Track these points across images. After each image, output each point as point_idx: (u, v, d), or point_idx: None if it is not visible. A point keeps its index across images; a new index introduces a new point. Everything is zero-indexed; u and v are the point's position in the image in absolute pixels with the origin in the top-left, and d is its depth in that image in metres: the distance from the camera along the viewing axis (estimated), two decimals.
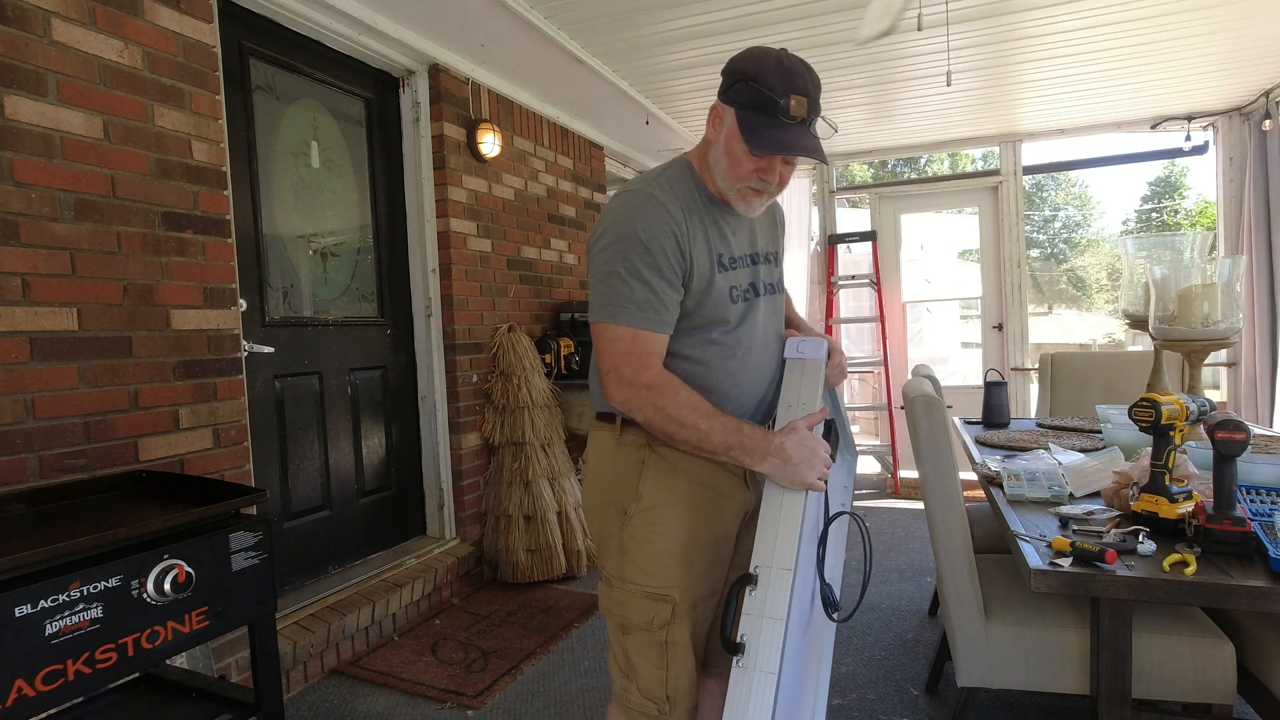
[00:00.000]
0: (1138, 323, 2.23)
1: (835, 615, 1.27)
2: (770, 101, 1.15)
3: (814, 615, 1.29)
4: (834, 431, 1.32)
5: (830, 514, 1.29)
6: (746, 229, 1.34)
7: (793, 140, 1.17)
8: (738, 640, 1.02)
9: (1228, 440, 1.34)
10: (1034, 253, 22.67)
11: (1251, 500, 1.56)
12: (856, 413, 6.24)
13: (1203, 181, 20.80)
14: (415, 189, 3.18)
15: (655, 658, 1.23)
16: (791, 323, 1.50)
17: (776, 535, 1.09)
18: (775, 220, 1.44)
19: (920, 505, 4.21)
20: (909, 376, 2.57)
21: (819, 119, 1.23)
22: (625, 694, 1.28)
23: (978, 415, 2.96)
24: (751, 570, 1.07)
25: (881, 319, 5.09)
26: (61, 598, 1.17)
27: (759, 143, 1.17)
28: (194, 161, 2.07)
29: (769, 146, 1.17)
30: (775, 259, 1.40)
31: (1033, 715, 2.09)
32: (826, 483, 1.18)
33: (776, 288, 1.37)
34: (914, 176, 13.30)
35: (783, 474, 1.13)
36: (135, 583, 1.27)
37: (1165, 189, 21.80)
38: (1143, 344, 6.42)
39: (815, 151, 1.19)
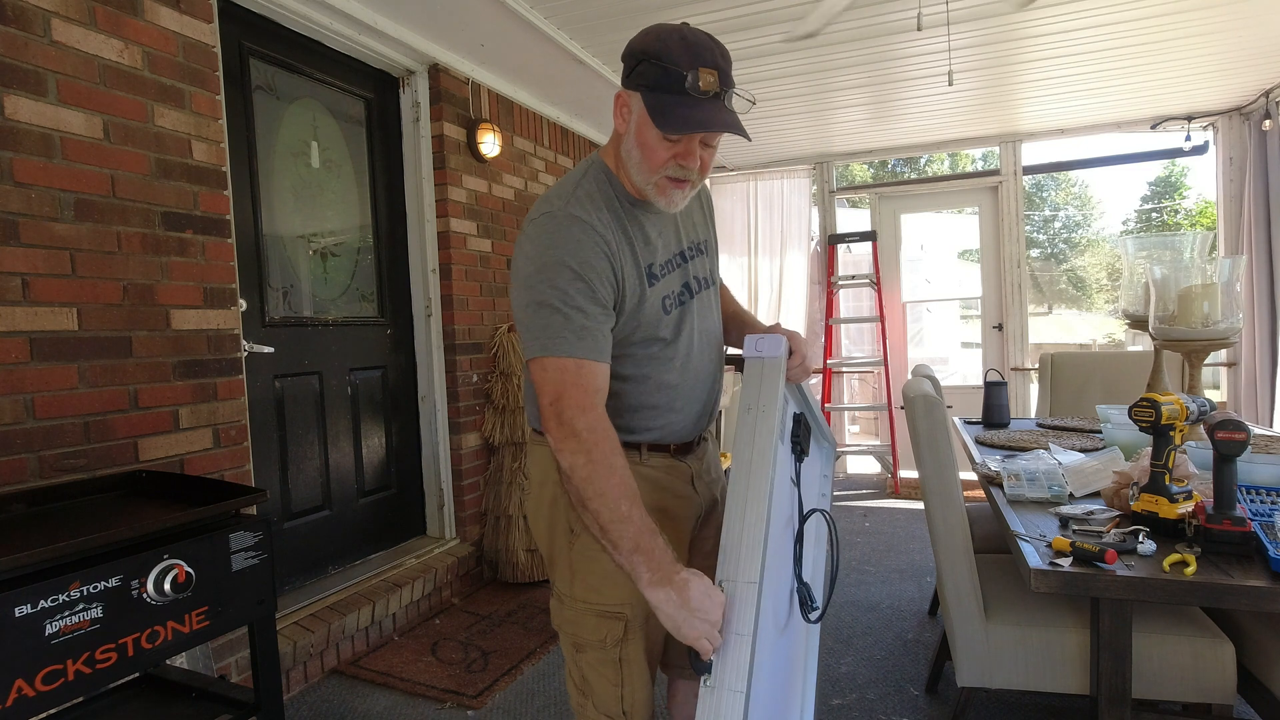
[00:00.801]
0: (1138, 323, 2.23)
1: (812, 616, 1.23)
2: (678, 77, 1.05)
3: (792, 615, 1.27)
4: (804, 425, 1.30)
5: (805, 511, 1.27)
6: (672, 224, 1.26)
7: (707, 117, 1.06)
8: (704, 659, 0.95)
9: (1228, 440, 1.34)
10: (1034, 253, 22.67)
11: (1251, 500, 1.56)
12: (857, 413, 6.24)
13: (1203, 181, 20.81)
14: (415, 189, 3.18)
15: (611, 675, 1.21)
16: (738, 319, 1.43)
17: (741, 547, 1.01)
18: (702, 205, 1.36)
19: (920, 505, 4.21)
20: (909, 376, 2.57)
21: (734, 93, 1.11)
22: (582, 710, 1.26)
23: (978, 415, 2.96)
24: (716, 584, 1.00)
25: (881, 319, 5.09)
26: (61, 598, 1.17)
27: (670, 123, 1.06)
28: (194, 161, 2.07)
29: (681, 125, 1.06)
30: (706, 248, 1.32)
31: (1033, 715, 2.09)
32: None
33: (709, 281, 1.31)
34: (914, 176, 13.30)
35: (672, 612, 0.97)
36: (135, 583, 1.27)
37: (1165, 189, 21.80)
38: (1143, 344, 6.42)
39: (733, 126, 1.08)
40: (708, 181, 1.28)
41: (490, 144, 3.37)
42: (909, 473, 4.92)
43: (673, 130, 1.07)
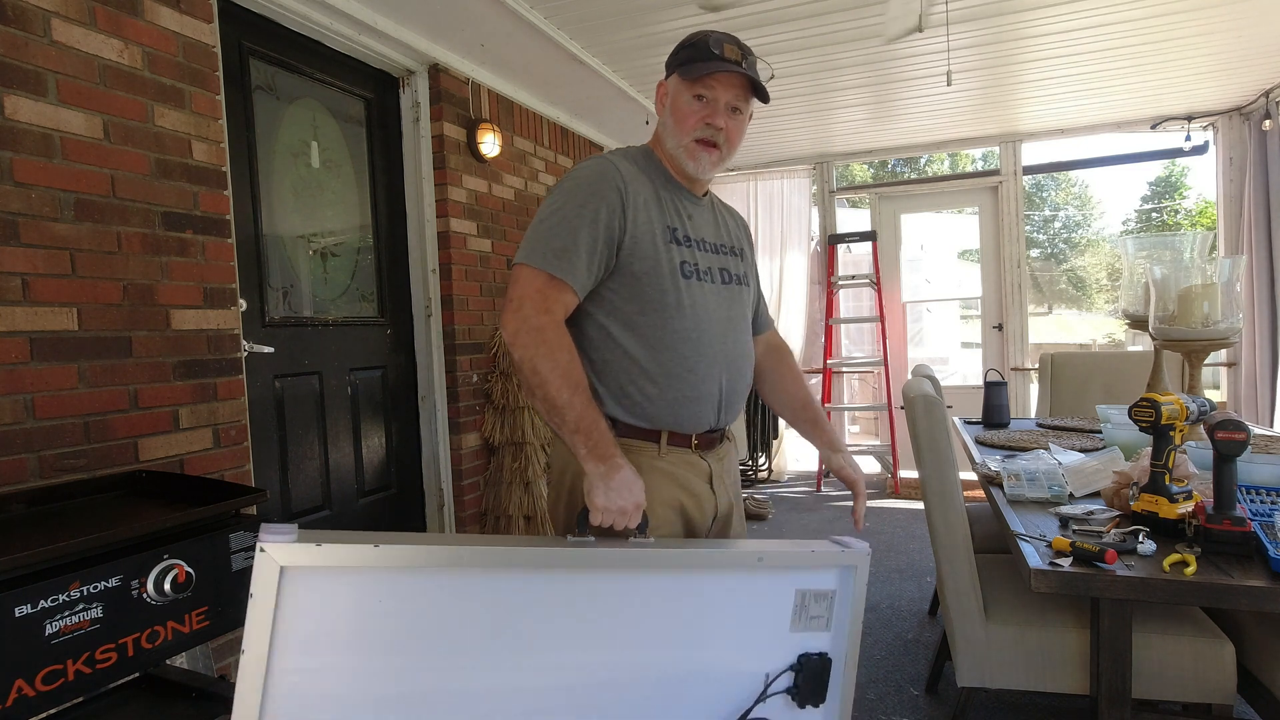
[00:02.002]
0: (1138, 323, 2.23)
1: None
2: (704, 47, 1.23)
3: None
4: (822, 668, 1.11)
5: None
6: (710, 219, 1.36)
7: (730, 66, 1.22)
8: None
9: (1228, 440, 1.34)
10: (1034, 253, 22.67)
11: (1251, 500, 1.56)
12: (857, 413, 6.24)
13: (1203, 181, 20.81)
14: (415, 189, 3.18)
15: None
16: (809, 409, 1.52)
17: None
18: (739, 224, 1.48)
19: (920, 505, 4.21)
20: (909, 376, 2.57)
21: (755, 65, 1.28)
22: None
23: (978, 415, 2.96)
24: None
25: (881, 319, 5.09)
26: (61, 598, 1.17)
27: (696, 70, 1.22)
28: (194, 161, 2.07)
29: (707, 70, 1.22)
30: (743, 255, 1.42)
31: (1033, 715, 2.09)
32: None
33: (742, 280, 1.37)
34: (914, 176, 13.30)
35: (595, 481, 1.09)
36: (135, 583, 1.27)
37: (1165, 189, 21.80)
38: (1143, 344, 6.42)
39: (753, 75, 1.24)
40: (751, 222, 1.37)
41: (490, 144, 3.37)
42: (909, 473, 4.92)
43: (697, 74, 1.22)
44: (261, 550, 0.82)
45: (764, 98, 1.27)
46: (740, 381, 1.33)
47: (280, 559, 0.83)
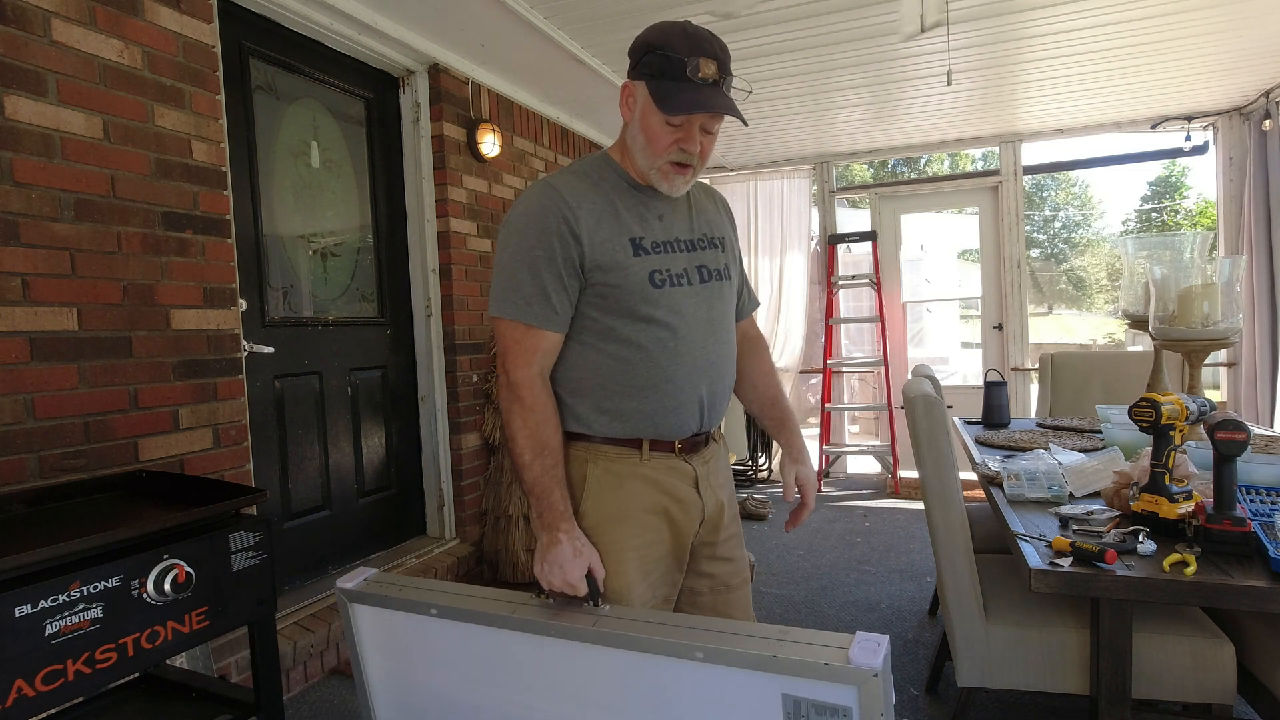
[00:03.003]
0: (1138, 323, 2.23)
1: None
2: (679, 64, 1.14)
3: None
4: None
5: None
6: (684, 214, 1.31)
7: (707, 99, 1.15)
8: None
9: (1228, 440, 1.34)
10: (1034, 253, 22.67)
11: (1251, 500, 1.56)
12: (857, 413, 6.24)
13: (1203, 181, 20.82)
14: (415, 189, 3.18)
15: None
16: (776, 406, 1.47)
17: None
18: (719, 207, 1.42)
19: (920, 505, 4.21)
20: (909, 376, 2.57)
21: (731, 82, 1.21)
22: None
23: (978, 415, 2.96)
24: None
25: (881, 319, 5.09)
26: (61, 598, 1.17)
27: (672, 105, 1.15)
28: (194, 161, 2.07)
29: (683, 107, 1.15)
30: (722, 244, 1.35)
31: (1033, 715, 2.09)
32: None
33: (721, 274, 1.32)
34: (914, 176, 13.30)
35: (540, 553, 1.15)
36: (135, 583, 1.27)
37: (1165, 189, 21.80)
38: (1143, 344, 6.42)
39: (730, 109, 1.17)
40: (709, 180, 1.31)
41: (490, 144, 3.37)
42: (909, 473, 4.92)
43: (675, 112, 1.15)
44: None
45: (742, 121, 1.23)
46: (723, 383, 1.31)
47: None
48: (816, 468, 5.17)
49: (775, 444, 5.37)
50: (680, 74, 1.14)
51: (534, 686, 1.04)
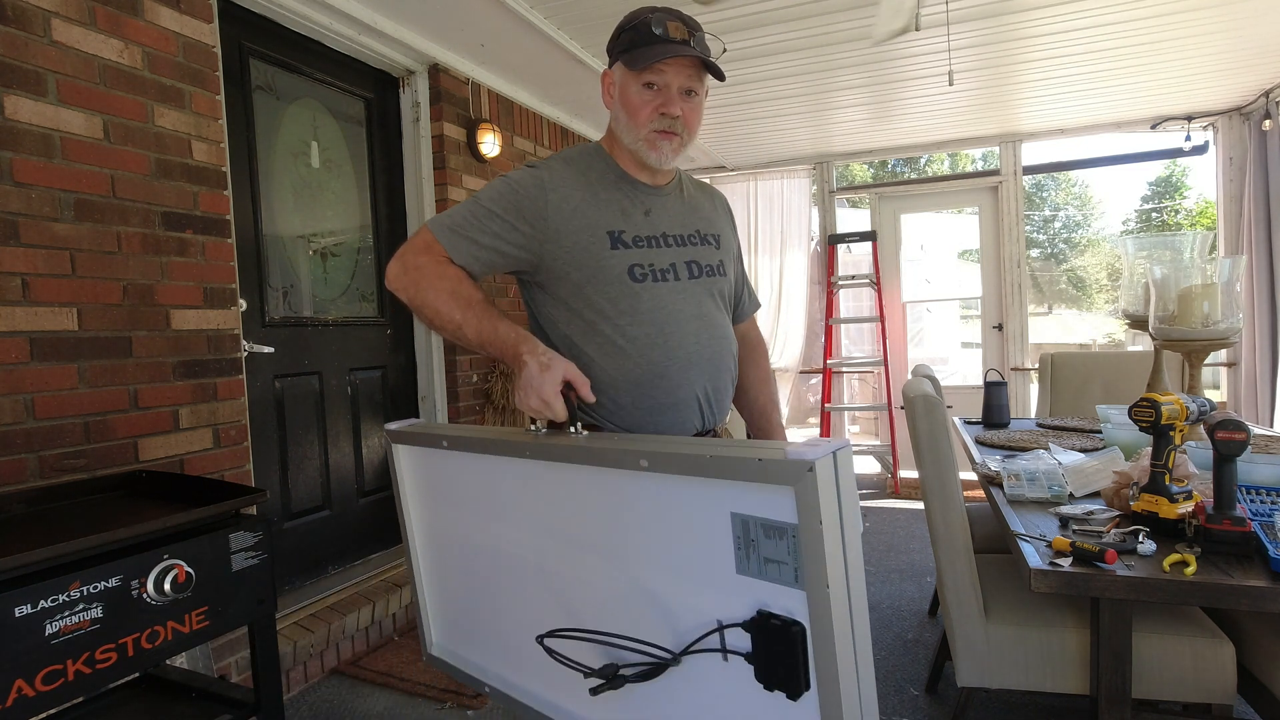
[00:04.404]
0: (1138, 323, 2.23)
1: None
2: (645, 27, 1.16)
3: None
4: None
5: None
6: (675, 210, 1.30)
7: (674, 49, 1.15)
8: None
9: (1228, 440, 1.34)
10: (1034, 253, 22.67)
11: (1251, 500, 1.56)
12: (857, 413, 6.24)
13: (1203, 181, 20.80)
14: (415, 189, 3.18)
15: None
16: (764, 415, 1.46)
17: None
18: (716, 205, 1.41)
19: (920, 505, 4.21)
20: (909, 376, 2.57)
21: (704, 42, 1.20)
22: None
23: (978, 415, 2.96)
24: None
25: (881, 319, 5.08)
26: (61, 598, 1.17)
27: (643, 58, 1.16)
28: (194, 161, 2.07)
29: (652, 56, 1.15)
30: (718, 242, 1.34)
31: (1033, 715, 2.09)
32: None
33: (715, 271, 1.31)
34: (914, 176, 13.30)
35: (515, 385, 1.11)
36: (135, 583, 1.27)
37: (1165, 189, 21.79)
38: (1143, 344, 6.42)
39: (701, 54, 1.17)
40: (708, 180, 1.30)
41: (490, 144, 3.37)
42: (909, 473, 4.92)
43: (644, 62, 1.16)
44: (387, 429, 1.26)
45: (718, 75, 1.20)
46: (722, 379, 1.29)
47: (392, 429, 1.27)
48: None
49: None
50: (649, 36, 1.15)
51: (516, 509, 1.08)
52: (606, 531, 0.95)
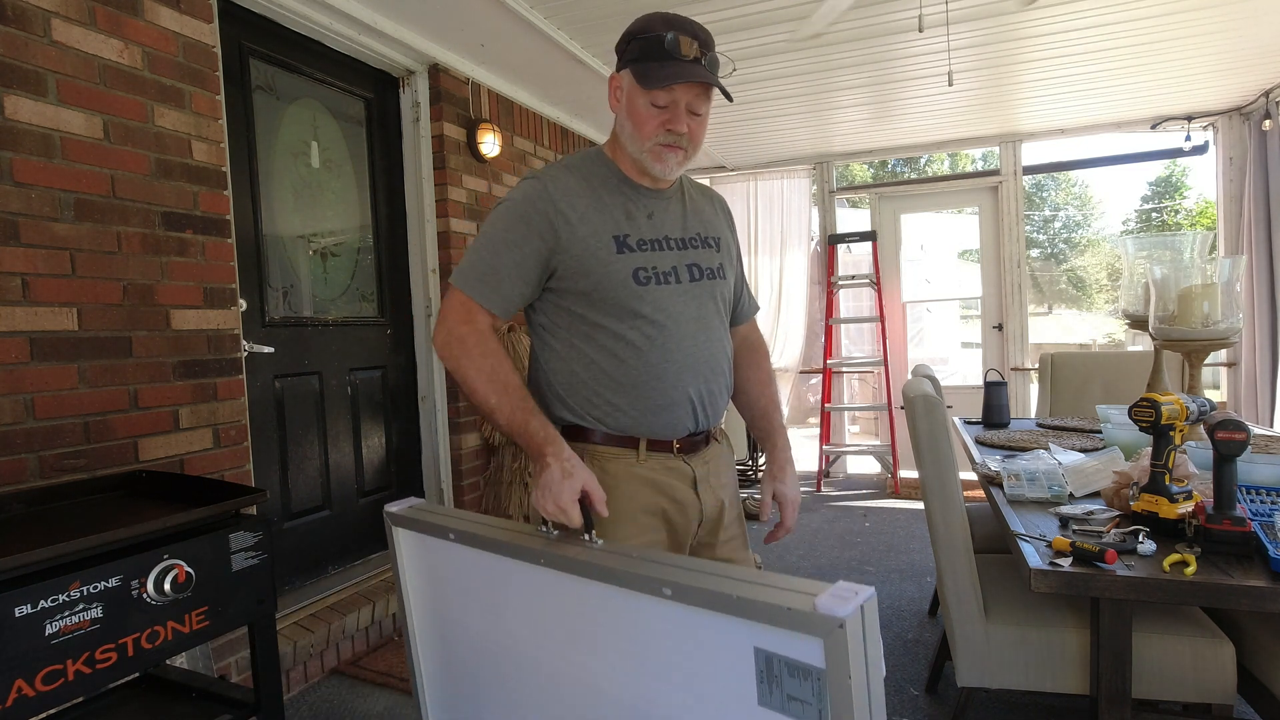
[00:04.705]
0: (1138, 323, 2.23)
1: None
2: (658, 42, 1.15)
3: None
4: None
5: None
6: (677, 212, 1.30)
7: (686, 70, 1.15)
8: None
9: (1228, 440, 1.34)
10: (1034, 253, 22.66)
11: (1251, 500, 1.56)
12: (857, 413, 6.24)
13: (1203, 181, 20.79)
14: (415, 189, 3.18)
15: None
16: (765, 417, 1.45)
17: None
18: (717, 208, 1.41)
19: (920, 505, 4.21)
20: (909, 376, 2.57)
21: (716, 59, 1.20)
22: None
23: (978, 415, 2.96)
24: None
25: (881, 319, 5.09)
26: (61, 598, 1.17)
27: (654, 79, 1.15)
28: (194, 161, 2.07)
29: (664, 79, 1.15)
30: (718, 244, 1.35)
31: (1033, 715, 2.09)
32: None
33: (716, 274, 1.31)
34: (914, 176, 13.30)
35: (532, 482, 1.15)
36: (135, 583, 1.27)
37: (1165, 189, 21.79)
38: (1143, 344, 6.42)
39: (712, 79, 1.17)
40: (708, 180, 1.30)
41: (490, 144, 3.37)
42: (909, 473, 4.92)
43: (655, 84, 1.16)
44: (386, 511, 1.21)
45: (727, 97, 1.21)
46: (718, 382, 1.30)
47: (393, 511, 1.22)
48: (817, 467, 5.18)
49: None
50: (660, 52, 1.15)
51: (527, 613, 1.06)
52: (621, 648, 0.93)
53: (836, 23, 2.67)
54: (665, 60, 1.15)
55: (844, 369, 5.44)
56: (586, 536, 1.04)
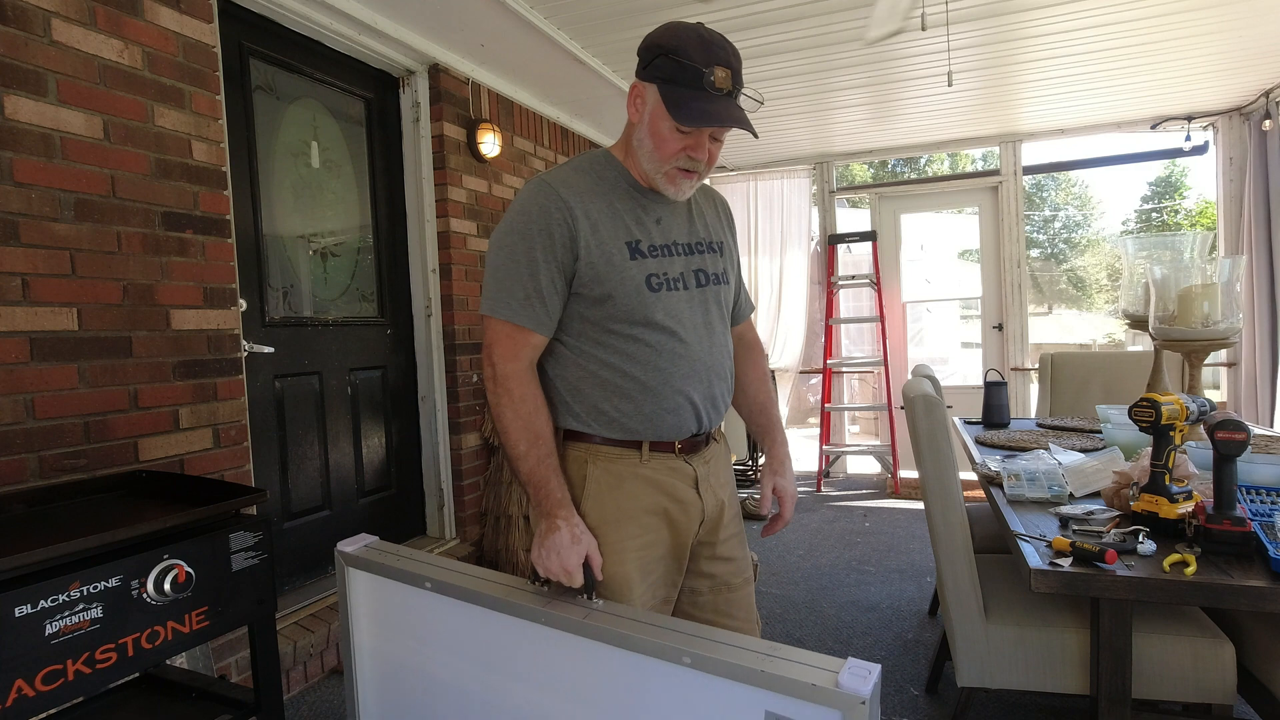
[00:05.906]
0: (1138, 323, 2.23)
1: None
2: (694, 73, 1.12)
3: None
4: None
5: None
6: (683, 218, 1.30)
7: (720, 111, 1.13)
8: None
9: (1228, 440, 1.34)
10: (1034, 253, 22.66)
11: (1251, 500, 1.56)
12: (857, 413, 6.24)
13: (1203, 181, 20.79)
14: (415, 189, 3.18)
15: None
16: (765, 413, 1.48)
17: None
18: (719, 211, 1.41)
19: (920, 505, 4.21)
20: (909, 376, 2.57)
21: (743, 93, 1.19)
22: None
23: (978, 415, 2.96)
24: None
25: (881, 319, 5.09)
26: (61, 598, 1.17)
27: (686, 115, 1.13)
28: (194, 161, 2.07)
29: (698, 119, 1.14)
30: (721, 249, 1.35)
31: (1033, 715, 2.09)
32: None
33: (720, 279, 1.32)
34: (914, 176, 13.30)
35: (539, 539, 1.15)
36: (135, 583, 1.27)
37: (1165, 189, 21.78)
38: (1143, 344, 6.43)
39: (744, 123, 1.16)
40: (709, 181, 1.30)
41: (490, 144, 3.37)
42: (909, 473, 4.92)
43: (689, 122, 1.14)
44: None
45: (752, 133, 1.21)
46: (721, 385, 1.31)
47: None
48: (817, 467, 5.18)
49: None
50: (695, 82, 1.13)
51: (520, 673, 1.05)
52: (618, 707, 0.95)
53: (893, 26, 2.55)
54: (698, 92, 1.13)
55: (844, 369, 5.44)
56: (586, 596, 1.07)
